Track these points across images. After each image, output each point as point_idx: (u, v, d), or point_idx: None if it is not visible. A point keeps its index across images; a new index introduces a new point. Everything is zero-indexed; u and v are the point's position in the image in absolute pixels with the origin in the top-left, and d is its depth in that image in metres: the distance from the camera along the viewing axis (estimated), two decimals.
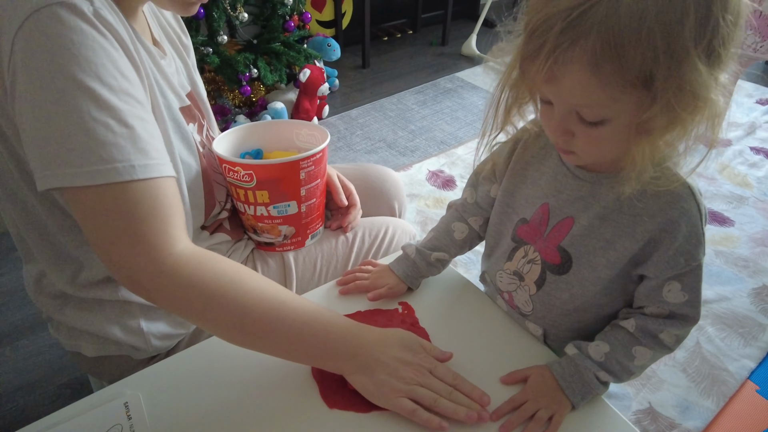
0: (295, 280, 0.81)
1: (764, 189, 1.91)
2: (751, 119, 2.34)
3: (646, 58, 0.42)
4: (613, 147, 0.51)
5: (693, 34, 0.42)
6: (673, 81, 0.43)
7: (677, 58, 0.42)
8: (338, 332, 0.57)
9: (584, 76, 0.44)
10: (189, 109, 0.72)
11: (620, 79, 0.43)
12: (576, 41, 0.43)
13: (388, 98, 2.51)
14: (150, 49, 0.63)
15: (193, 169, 0.68)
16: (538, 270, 0.64)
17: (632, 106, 0.46)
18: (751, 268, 1.55)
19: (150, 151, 0.52)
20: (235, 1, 1.87)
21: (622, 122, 0.47)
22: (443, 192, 1.87)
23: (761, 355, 1.29)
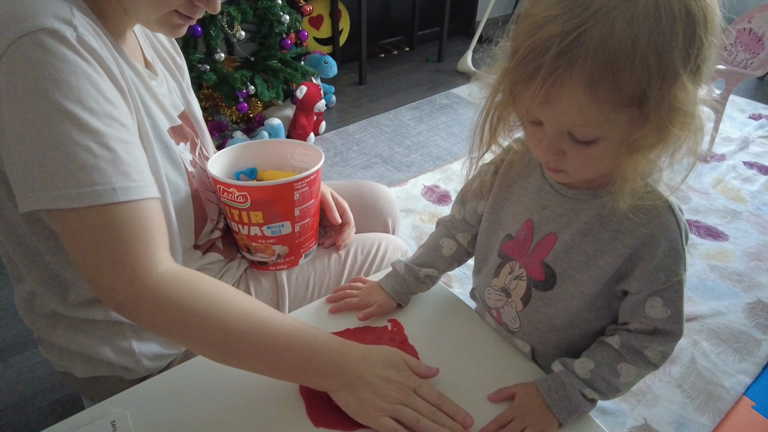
0: (287, 299, 0.81)
1: (758, 203, 1.92)
2: (744, 134, 2.36)
3: (640, 79, 0.43)
4: (604, 165, 0.52)
5: (682, 54, 0.44)
6: (665, 100, 0.44)
7: (669, 79, 0.44)
8: (322, 350, 0.57)
9: (581, 97, 0.45)
10: (180, 129, 0.73)
11: (615, 100, 0.45)
12: (573, 64, 0.44)
13: (384, 114, 2.53)
14: (139, 71, 0.64)
15: (182, 189, 0.69)
16: (524, 286, 0.64)
17: (624, 125, 0.47)
18: (745, 282, 1.56)
19: (132, 173, 0.53)
20: (233, 19, 1.89)
21: (614, 140, 0.49)
22: (438, 207, 1.87)
23: (757, 371, 1.28)
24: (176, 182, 0.67)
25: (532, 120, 0.52)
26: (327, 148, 2.25)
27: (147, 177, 0.55)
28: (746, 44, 2.02)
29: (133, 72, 0.63)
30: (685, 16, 0.43)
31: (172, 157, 0.67)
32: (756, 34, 1.98)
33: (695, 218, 1.83)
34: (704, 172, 2.09)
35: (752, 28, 2.00)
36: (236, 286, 0.82)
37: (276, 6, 2.00)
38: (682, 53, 0.44)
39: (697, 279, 1.56)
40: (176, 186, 0.67)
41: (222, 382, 0.61)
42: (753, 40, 1.99)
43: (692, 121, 0.46)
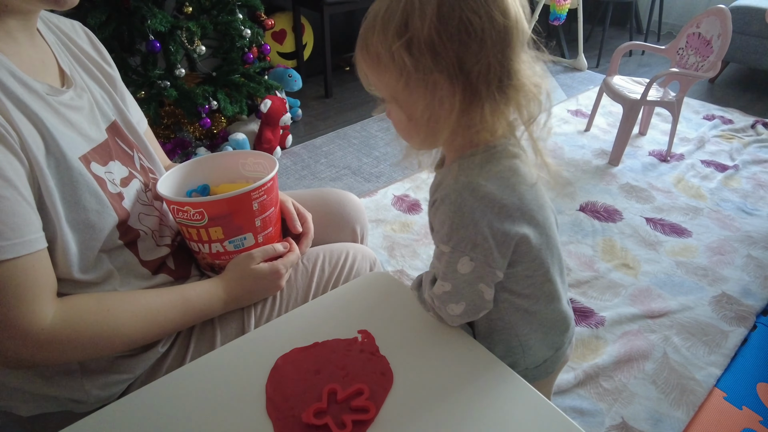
0: (253, 317, 0.78)
1: (716, 200, 1.98)
2: (700, 134, 2.45)
3: (381, 47, 0.54)
4: (402, 126, 0.62)
5: (386, 51, 0.54)
6: (399, 62, 0.54)
7: (394, 52, 0.53)
8: (210, 301, 0.71)
9: (360, 51, 0.58)
10: (104, 147, 0.68)
11: (371, 53, 0.56)
12: (362, 26, 0.57)
13: (351, 126, 2.53)
14: (36, 89, 0.59)
15: (103, 216, 0.64)
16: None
17: (388, 86, 0.59)
18: (710, 276, 1.60)
19: (4, 231, 0.51)
20: (193, 35, 1.86)
21: (395, 100, 0.60)
22: (409, 216, 1.87)
23: (726, 362, 1.31)
24: (89, 206, 0.62)
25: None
26: (294, 161, 2.23)
27: (25, 230, 0.53)
28: (696, 48, 2.10)
29: (28, 92, 0.58)
30: (403, 25, 0.52)
31: (80, 183, 0.62)
32: (705, 39, 2.06)
33: (659, 216, 1.88)
34: (665, 171, 2.16)
35: (701, 32, 2.08)
36: None
37: (237, 20, 1.98)
38: (384, 48, 0.53)
39: (665, 275, 1.60)
40: (87, 210, 0.62)
41: (183, 408, 0.57)
42: (702, 44, 2.07)
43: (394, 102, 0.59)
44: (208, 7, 1.96)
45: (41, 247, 0.55)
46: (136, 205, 0.71)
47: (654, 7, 3.60)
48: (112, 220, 0.65)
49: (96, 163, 0.65)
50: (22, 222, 0.53)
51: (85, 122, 0.66)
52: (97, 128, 0.68)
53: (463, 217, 0.57)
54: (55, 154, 0.59)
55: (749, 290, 1.54)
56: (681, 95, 2.12)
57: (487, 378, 0.62)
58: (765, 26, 2.72)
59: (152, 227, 0.74)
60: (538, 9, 2.62)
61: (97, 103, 0.70)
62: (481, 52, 0.51)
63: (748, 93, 2.95)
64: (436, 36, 0.50)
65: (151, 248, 0.73)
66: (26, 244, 0.53)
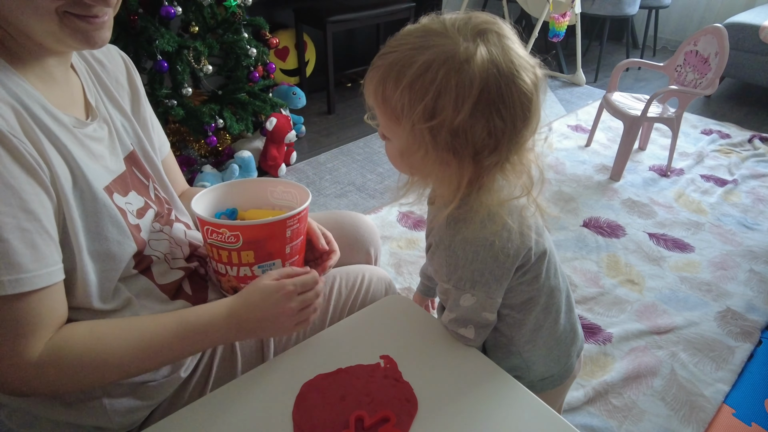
0: (272, 343, 0.78)
1: (717, 214, 2.00)
2: (699, 149, 2.48)
3: (398, 101, 0.56)
4: (396, 160, 0.65)
5: (426, 108, 0.54)
6: (404, 125, 0.58)
7: (413, 116, 0.56)
8: (212, 326, 0.64)
9: (372, 92, 0.60)
10: (123, 179, 0.69)
11: (384, 104, 0.59)
12: (377, 70, 0.59)
13: (354, 142, 2.54)
14: (63, 121, 0.61)
15: (123, 246, 0.65)
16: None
17: (394, 130, 0.61)
18: (714, 291, 1.61)
19: (25, 264, 0.52)
20: (199, 54, 1.88)
21: (396, 144, 0.63)
22: (415, 232, 1.88)
23: (733, 378, 1.32)
24: (113, 238, 0.64)
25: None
26: (299, 178, 2.24)
27: (45, 263, 0.54)
28: (694, 66, 2.14)
29: (58, 125, 0.59)
30: (431, 82, 0.53)
31: (110, 217, 0.63)
32: (702, 56, 2.10)
33: (662, 231, 1.90)
34: (665, 186, 2.18)
35: (698, 50, 2.12)
36: None
37: (242, 39, 2.00)
38: (412, 104, 0.54)
39: (670, 291, 1.61)
40: (109, 242, 0.64)
41: None
42: (700, 61, 2.11)
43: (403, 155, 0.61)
44: (214, 26, 1.98)
45: (55, 281, 0.56)
46: (150, 234, 0.72)
47: (649, 24, 3.66)
48: (131, 250, 0.66)
49: (118, 194, 0.66)
50: (44, 254, 0.54)
51: (106, 153, 0.67)
52: (117, 159, 0.69)
53: (457, 259, 0.63)
54: (81, 185, 0.60)
55: (753, 305, 1.55)
56: (680, 111, 2.15)
57: (509, 402, 0.63)
58: (758, 42, 2.77)
59: (164, 251, 0.74)
60: (538, 26, 2.67)
61: (117, 133, 0.71)
62: (495, 150, 0.56)
63: (744, 107, 2.99)
64: (462, 128, 0.54)
65: (165, 271, 0.74)
66: (46, 275, 0.54)
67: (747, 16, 2.91)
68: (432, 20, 0.57)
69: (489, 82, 0.52)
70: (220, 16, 1.96)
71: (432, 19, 0.57)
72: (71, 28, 0.56)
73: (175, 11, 1.76)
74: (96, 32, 0.59)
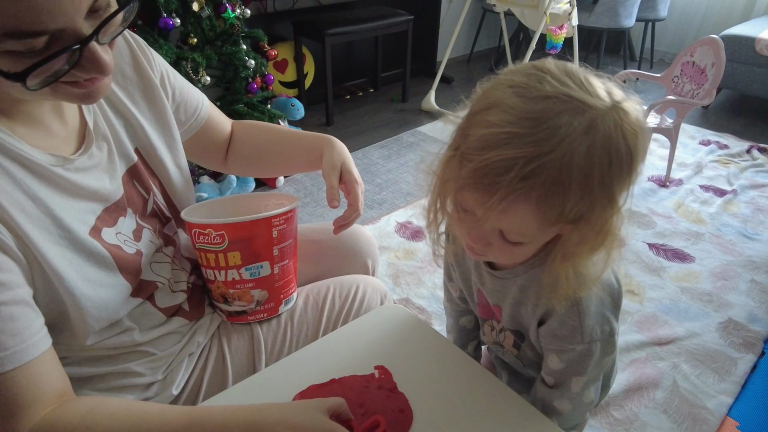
0: (264, 353, 0.77)
1: (717, 224, 1.99)
2: (697, 159, 2.48)
3: (584, 204, 0.48)
4: (523, 258, 0.60)
5: (622, 187, 0.49)
6: (599, 223, 0.50)
7: (609, 207, 0.49)
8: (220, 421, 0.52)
9: (529, 213, 0.48)
10: (116, 205, 0.65)
11: (556, 219, 0.48)
12: (531, 188, 0.45)
13: (353, 153, 2.53)
14: (42, 164, 0.55)
15: (116, 285, 0.62)
16: (511, 337, 0.70)
17: (552, 234, 0.53)
18: (715, 302, 1.59)
19: (4, 341, 0.49)
20: (198, 65, 1.89)
21: (540, 242, 0.55)
22: (413, 243, 1.87)
23: (736, 390, 1.29)
24: (95, 280, 0.60)
25: (469, 209, 0.52)
26: (298, 188, 2.24)
27: (26, 335, 0.50)
28: (691, 76, 2.15)
29: (32, 175, 0.54)
30: (630, 155, 0.47)
31: (99, 261, 0.60)
32: (699, 67, 2.11)
33: (662, 242, 1.89)
34: (665, 197, 2.18)
35: (695, 61, 2.13)
36: (208, 345, 0.76)
37: (241, 51, 2.01)
38: (622, 186, 0.49)
39: (670, 302, 1.59)
40: (94, 284, 0.60)
41: None
42: (697, 72, 2.12)
43: (615, 237, 0.52)
44: (213, 38, 1.99)
45: (41, 350, 0.52)
46: (151, 256, 0.70)
47: (646, 36, 3.69)
48: (125, 290, 0.63)
49: (107, 228, 0.63)
50: (23, 326, 0.50)
51: (104, 177, 0.63)
52: (114, 180, 0.65)
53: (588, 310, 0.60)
54: (63, 233, 0.56)
55: (755, 316, 1.54)
56: (678, 122, 2.15)
57: (507, 413, 0.61)
58: (755, 54, 2.79)
59: (167, 276, 0.72)
60: (535, 38, 2.69)
61: (118, 147, 0.67)
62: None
63: (741, 118, 3.00)
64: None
65: (167, 296, 0.72)
66: (26, 350, 0.50)
67: (743, 28, 2.93)
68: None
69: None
70: (219, 28, 1.97)
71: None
72: (67, 94, 0.52)
73: (173, 23, 1.77)
74: (95, 93, 0.54)
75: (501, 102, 0.47)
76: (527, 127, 0.45)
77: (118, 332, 0.65)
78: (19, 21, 0.43)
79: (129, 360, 0.67)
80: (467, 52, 3.97)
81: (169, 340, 0.71)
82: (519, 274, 0.62)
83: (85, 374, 0.63)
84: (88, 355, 0.63)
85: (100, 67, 0.50)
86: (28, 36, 0.44)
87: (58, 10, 0.44)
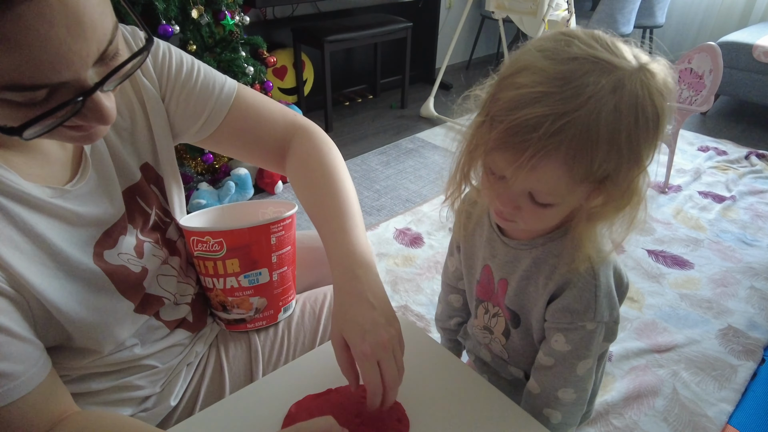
0: (261, 363, 0.76)
1: (716, 231, 1.99)
2: (696, 165, 2.48)
3: (612, 162, 0.48)
4: (552, 222, 0.59)
5: (649, 146, 0.50)
6: (625, 182, 0.51)
7: (635, 166, 0.50)
8: None
9: (558, 171, 0.49)
10: (116, 226, 0.62)
11: (584, 177, 0.49)
12: (560, 144, 0.47)
13: (352, 160, 2.55)
14: (37, 197, 0.53)
15: (112, 308, 0.61)
16: (503, 323, 0.70)
17: (581, 195, 0.53)
18: (714, 309, 1.59)
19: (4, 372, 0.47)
20: None
21: (569, 206, 0.55)
22: (412, 250, 1.86)
23: (737, 398, 1.29)
24: (111, 310, 0.60)
25: (499, 174, 0.54)
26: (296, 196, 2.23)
27: (19, 371, 0.49)
28: (689, 83, 2.15)
29: (28, 208, 0.52)
30: (656, 115, 0.48)
31: (98, 287, 0.59)
32: (697, 74, 2.12)
33: (661, 248, 1.88)
34: (663, 203, 2.18)
35: (692, 68, 2.14)
36: (206, 355, 0.76)
37: (240, 58, 2.01)
38: (649, 145, 0.50)
39: (669, 308, 1.59)
40: (109, 315, 0.60)
41: None
42: (695, 78, 2.13)
43: (642, 198, 0.53)
44: (212, 45, 2.00)
45: (38, 380, 0.51)
46: (156, 269, 0.68)
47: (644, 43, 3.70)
48: (130, 312, 0.63)
49: (108, 250, 0.61)
50: (15, 362, 0.49)
51: (100, 200, 0.61)
52: (113, 202, 0.63)
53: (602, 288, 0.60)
54: (63, 264, 0.55)
55: (755, 323, 1.53)
56: (676, 128, 2.16)
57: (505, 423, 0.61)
58: (752, 60, 2.80)
59: (173, 291, 0.71)
60: None
61: (119, 165, 0.64)
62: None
63: (740, 125, 3.01)
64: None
65: (172, 310, 0.72)
66: (19, 386, 0.49)
67: (740, 35, 2.95)
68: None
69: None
70: (218, 35, 1.98)
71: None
72: (65, 136, 0.49)
73: (173, 30, 1.78)
74: (93, 135, 0.51)
75: (531, 65, 0.48)
76: (556, 86, 0.46)
77: (121, 349, 0.64)
78: (20, 75, 0.40)
79: (131, 374, 0.66)
80: (466, 58, 3.99)
81: (171, 352, 0.71)
82: (537, 245, 0.62)
83: (84, 390, 0.62)
84: (88, 372, 0.63)
85: (102, 117, 0.47)
86: (28, 89, 0.41)
87: (64, 65, 0.41)
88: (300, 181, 0.75)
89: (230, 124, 0.72)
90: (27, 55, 0.39)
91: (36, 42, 0.38)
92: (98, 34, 0.43)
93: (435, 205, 2.15)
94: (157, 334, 0.69)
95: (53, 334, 0.56)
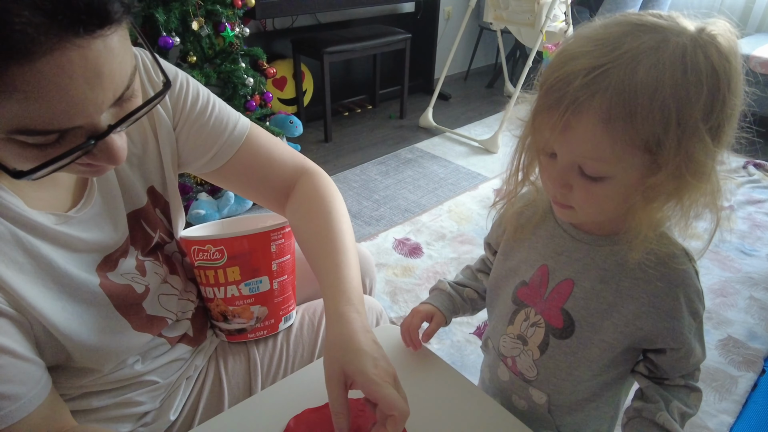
0: (260, 375, 0.76)
1: (715, 240, 1.98)
2: None
3: (656, 125, 0.44)
4: (611, 206, 0.52)
5: (704, 108, 0.45)
6: (681, 150, 0.45)
7: (688, 130, 0.45)
8: None
9: (596, 128, 0.46)
10: (118, 250, 0.62)
11: (628, 139, 0.46)
12: (594, 95, 0.45)
13: (351, 170, 2.56)
14: (41, 224, 0.53)
15: (115, 328, 0.61)
16: (542, 333, 0.64)
17: (635, 169, 0.48)
18: (714, 319, 1.59)
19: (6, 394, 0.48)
20: None
21: (622, 182, 0.49)
22: (411, 260, 1.86)
23: (738, 409, 1.28)
24: (113, 331, 0.60)
25: (549, 152, 0.53)
26: None
27: (20, 394, 0.49)
28: None
29: (34, 234, 0.53)
30: (711, 71, 0.44)
31: (100, 309, 0.59)
32: None
33: None
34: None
35: None
36: (205, 369, 0.76)
37: (240, 69, 2.03)
38: (704, 107, 0.45)
39: None
40: (113, 336, 0.60)
41: None
42: None
43: (709, 175, 0.47)
44: (212, 56, 2.01)
45: (38, 402, 0.51)
46: (157, 287, 0.68)
47: None
48: (133, 333, 0.63)
49: (111, 273, 0.61)
50: (17, 385, 0.50)
51: (104, 226, 0.61)
52: (117, 228, 0.62)
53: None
54: (66, 287, 0.56)
55: (755, 333, 1.53)
56: None
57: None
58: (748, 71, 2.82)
59: (175, 310, 0.71)
60: (532, 56, 2.72)
61: (125, 189, 0.64)
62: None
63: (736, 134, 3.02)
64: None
65: (174, 327, 0.72)
66: (20, 409, 0.49)
67: None
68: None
69: None
70: (218, 47, 1.99)
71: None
72: (73, 170, 0.49)
73: (173, 42, 1.79)
74: (102, 170, 0.51)
75: (578, 34, 0.49)
76: (597, 45, 0.46)
77: (122, 367, 0.64)
78: (33, 121, 0.39)
79: (131, 390, 0.66)
80: (464, 69, 4.01)
81: (172, 367, 0.70)
82: (619, 243, 0.57)
83: (84, 407, 0.62)
84: (89, 390, 0.62)
85: (112, 158, 0.47)
86: (40, 134, 0.40)
87: (79, 112, 0.41)
88: (300, 224, 0.74)
89: (239, 161, 0.72)
90: (44, 105, 0.39)
91: (54, 94, 0.38)
92: (116, 83, 0.43)
93: (434, 215, 2.15)
94: (158, 351, 0.69)
95: (54, 354, 0.56)
